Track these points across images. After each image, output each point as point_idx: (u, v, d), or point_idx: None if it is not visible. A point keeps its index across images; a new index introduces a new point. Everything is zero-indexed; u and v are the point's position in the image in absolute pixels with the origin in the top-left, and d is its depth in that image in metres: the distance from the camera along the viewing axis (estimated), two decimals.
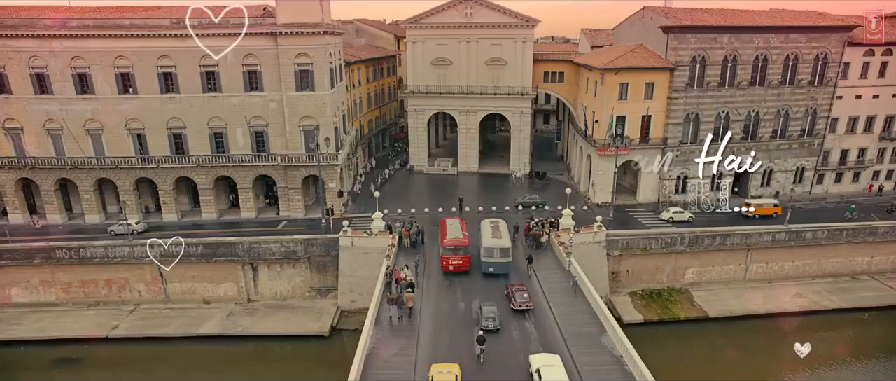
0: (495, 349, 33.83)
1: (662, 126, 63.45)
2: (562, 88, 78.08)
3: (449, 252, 44.55)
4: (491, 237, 45.17)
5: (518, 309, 38.17)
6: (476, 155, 79.22)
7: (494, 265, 43.89)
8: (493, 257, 43.80)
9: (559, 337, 35.76)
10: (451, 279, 44.39)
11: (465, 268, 44.38)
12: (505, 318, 37.31)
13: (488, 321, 35.39)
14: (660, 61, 61.81)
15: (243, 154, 59.48)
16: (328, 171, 60.17)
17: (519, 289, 39.54)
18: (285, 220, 61.06)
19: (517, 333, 36.16)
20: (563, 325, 37.16)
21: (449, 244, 44.70)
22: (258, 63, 57.30)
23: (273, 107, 58.62)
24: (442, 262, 45.21)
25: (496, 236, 45.24)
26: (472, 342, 33.50)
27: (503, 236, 45.55)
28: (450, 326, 37.51)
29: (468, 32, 73.97)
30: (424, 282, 44.38)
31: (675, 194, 65.75)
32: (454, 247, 44.39)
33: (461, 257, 44.32)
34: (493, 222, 48.70)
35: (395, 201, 65.88)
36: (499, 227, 47.43)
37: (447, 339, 35.81)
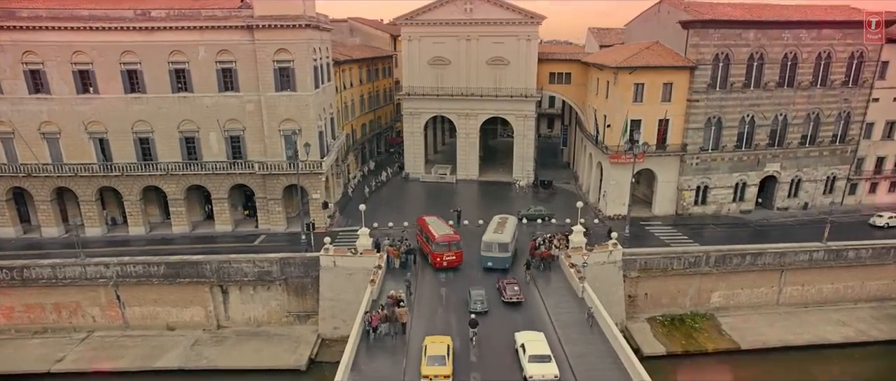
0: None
1: (681, 131, 56.53)
2: (569, 90, 71.28)
3: (442, 248, 43.32)
4: (492, 232, 44.68)
5: (509, 302, 37.97)
6: (476, 162, 72.35)
7: (493, 260, 43.19)
8: (491, 251, 43.12)
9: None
10: (445, 289, 40.83)
11: (457, 263, 43.85)
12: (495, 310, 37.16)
13: (477, 303, 36.31)
14: (679, 60, 54.95)
15: (218, 161, 52.69)
16: (311, 180, 53.37)
17: (510, 282, 39.26)
18: (264, 234, 54.22)
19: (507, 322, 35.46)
20: (577, 369, 30.28)
21: (442, 240, 43.41)
22: (233, 60, 50.58)
23: (250, 109, 51.86)
24: (435, 259, 43.51)
25: (498, 232, 44.50)
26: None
27: (505, 231, 44.53)
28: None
29: (468, 30, 67.26)
30: (415, 306, 38.18)
31: (694, 205, 58.79)
32: (447, 243, 43.44)
33: (454, 252, 43.60)
34: (502, 218, 47.88)
35: (388, 212, 59.04)
36: (506, 223, 46.36)
37: None
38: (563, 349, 32.38)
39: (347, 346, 31.16)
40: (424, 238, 46.40)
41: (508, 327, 34.65)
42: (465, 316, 35.75)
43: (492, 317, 36.35)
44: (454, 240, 43.91)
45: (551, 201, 64.18)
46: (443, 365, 28.78)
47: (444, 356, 29.20)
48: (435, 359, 29.05)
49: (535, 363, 29.12)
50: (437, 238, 43.62)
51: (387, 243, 45.76)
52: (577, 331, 34.79)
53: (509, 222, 46.75)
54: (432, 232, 44.51)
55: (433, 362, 28.94)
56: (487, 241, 43.44)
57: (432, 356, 29.22)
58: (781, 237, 52.11)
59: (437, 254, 43.51)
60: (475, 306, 36.23)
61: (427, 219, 47.52)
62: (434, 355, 29.31)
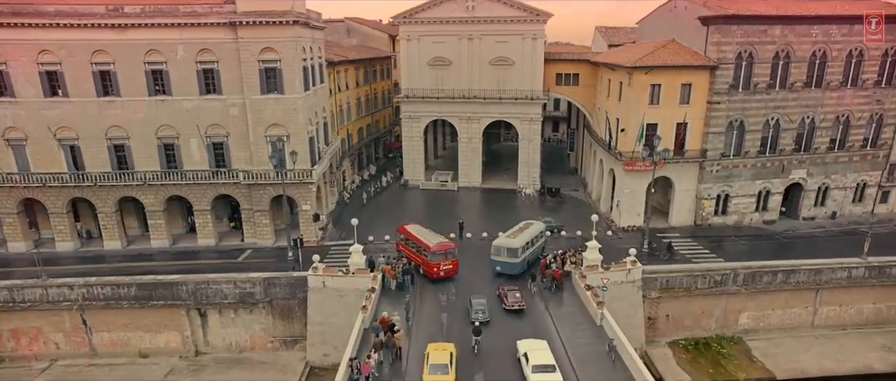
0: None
1: (701, 135, 51.66)
2: (576, 92, 66.45)
3: (439, 257, 40.38)
4: (505, 236, 42.53)
5: (510, 309, 35.99)
6: (479, 168, 67.48)
7: (501, 265, 41.16)
8: (500, 255, 41.06)
9: None
10: (447, 315, 36.52)
11: (454, 272, 41.20)
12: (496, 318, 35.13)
13: (478, 313, 34.21)
14: (698, 59, 50.09)
15: (199, 170, 47.92)
16: (301, 190, 48.58)
17: (511, 289, 37.19)
18: (250, 249, 49.43)
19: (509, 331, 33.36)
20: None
21: (437, 249, 40.41)
22: (215, 60, 45.86)
23: (234, 113, 47.12)
24: (431, 269, 40.34)
25: (511, 236, 42.13)
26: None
27: (520, 236, 41.85)
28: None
29: (470, 28, 62.48)
30: (414, 330, 34.02)
31: (714, 215, 53.88)
32: (443, 251, 40.64)
33: (451, 260, 40.93)
34: (526, 223, 45.17)
35: (385, 223, 54.14)
36: (526, 229, 43.56)
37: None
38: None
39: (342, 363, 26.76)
40: (413, 249, 42.46)
41: (511, 335, 32.73)
42: (467, 326, 33.45)
43: (493, 326, 34.30)
44: (450, 248, 41.15)
45: (559, 211, 59.31)
46: (445, 373, 27.61)
47: (447, 365, 27.95)
48: (437, 368, 27.84)
49: (539, 373, 27.68)
50: (432, 247, 40.30)
51: (382, 261, 41.00)
52: (596, 366, 30.08)
53: (530, 229, 43.61)
54: (424, 241, 41.22)
55: (435, 370, 27.79)
56: (497, 245, 41.45)
57: (434, 365, 28.02)
58: (809, 250, 47.30)
59: (434, 264, 40.21)
60: (477, 316, 33.96)
61: (410, 227, 44.34)
62: (436, 363, 28.09)
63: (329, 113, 59.75)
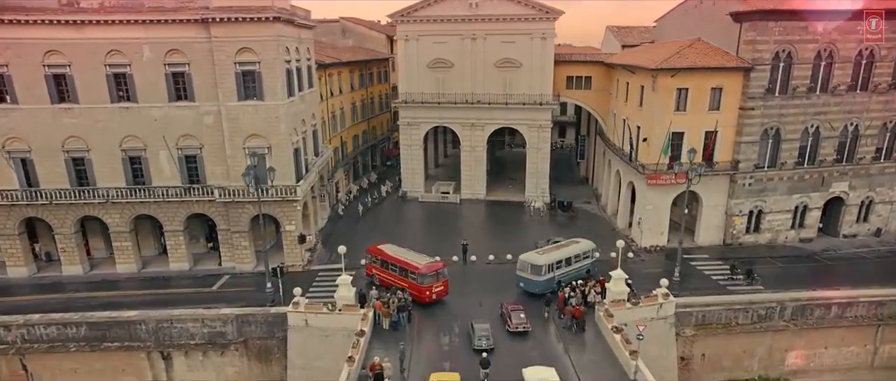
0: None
1: (732, 145, 45.44)
2: (588, 96, 60.22)
3: (430, 279, 36.29)
4: (534, 252, 39.01)
5: (514, 331, 32.49)
6: (483, 179, 61.20)
7: (524, 281, 37.77)
8: (525, 271, 37.58)
9: None
10: (449, 363, 30.51)
11: (445, 293, 37.32)
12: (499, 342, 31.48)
13: (482, 339, 30.92)
14: (731, 59, 43.85)
15: (170, 186, 41.73)
16: (284, 209, 42.38)
17: (515, 309, 33.68)
18: (228, 274, 43.20)
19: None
20: None
21: (428, 270, 36.38)
22: (186, 62, 39.69)
23: (209, 122, 40.95)
24: (422, 293, 36.00)
25: (541, 252, 38.68)
26: None
27: (551, 253, 38.17)
28: None
29: (473, 27, 56.28)
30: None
31: (745, 233, 47.60)
32: (434, 272, 36.62)
33: (442, 281, 37.05)
34: (570, 241, 41.56)
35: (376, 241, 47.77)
36: (566, 246, 40.03)
37: None
38: None
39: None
40: (395, 272, 37.91)
41: (516, 361, 29.16)
42: (470, 354, 30.45)
43: (496, 351, 30.48)
44: (439, 267, 37.22)
45: (572, 227, 53.02)
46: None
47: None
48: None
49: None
50: (422, 269, 36.18)
51: (374, 295, 34.76)
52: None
53: (569, 248, 39.72)
54: (411, 262, 37.07)
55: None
56: (523, 259, 38.11)
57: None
58: (856, 273, 41.25)
59: (426, 287, 36.04)
60: (480, 343, 30.74)
61: (387, 248, 39.93)
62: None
63: (320, 120, 53.60)
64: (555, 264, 37.43)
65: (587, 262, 39.85)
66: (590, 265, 39.93)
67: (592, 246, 39.98)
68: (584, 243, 40.85)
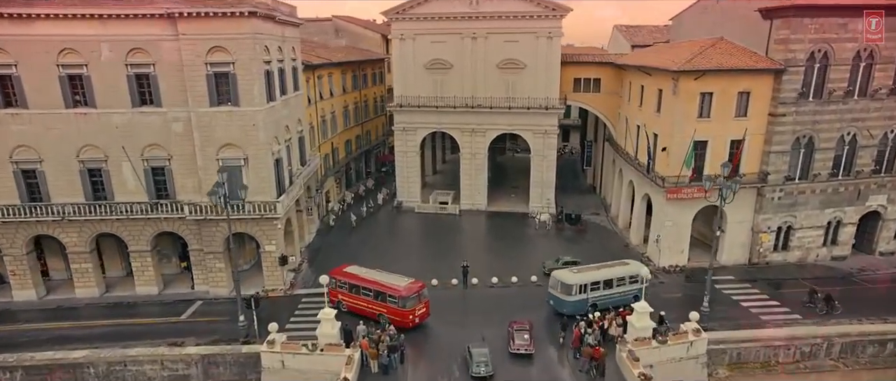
0: None
1: (759, 155, 40.48)
2: (597, 100, 55.14)
3: (413, 302, 32.71)
4: (568, 270, 35.79)
5: (516, 353, 29.66)
6: (484, 188, 56.08)
7: (553, 300, 34.80)
8: (555, 289, 34.55)
9: None
10: None
11: (427, 316, 33.91)
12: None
13: (480, 365, 27.82)
14: (761, 61, 38.85)
15: (135, 201, 36.58)
16: (263, 227, 37.27)
17: (520, 328, 30.68)
18: (201, 300, 38.06)
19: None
20: None
21: (409, 292, 32.65)
22: (151, 62, 34.55)
23: (178, 130, 35.81)
24: (406, 318, 32.28)
25: (578, 271, 35.20)
26: None
27: (589, 273, 34.65)
28: None
29: (474, 26, 51.21)
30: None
31: (773, 251, 42.63)
32: (416, 294, 33.00)
33: (424, 302, 33.62)
34: (619, 262, 37.42)
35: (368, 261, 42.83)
36: (609, 267, 36.15)
37: None
38: None
39: None
40: (368, 296, 33.86)
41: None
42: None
43: (497, 376, 28.02)
44: (421, 288, 33.69)
45: (581, 242, 48.08)
46: None
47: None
48: None
49: None
50: (402, 292, 32.56)
51: (361, 331, 29.69)
52: None
53: (612, 269, 35.72)
54: (390, 285, 33.28)
55: None
56: (555, 275, 35.12)
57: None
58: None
59: (408, 311, 32.44)
60: (478, 370, 27.85)
61: (357, 270, 35.74)
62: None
63: (307, 126, 48.51)
64: (589, 285, 33.75)
65: (634, 287, 34.82)
66: (638, 291, 34.77)
67: (644, 271, 35.04)
68: (633, 265, 36.08)
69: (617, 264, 37.01)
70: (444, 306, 36.17)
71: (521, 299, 36.88)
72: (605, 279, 34.05)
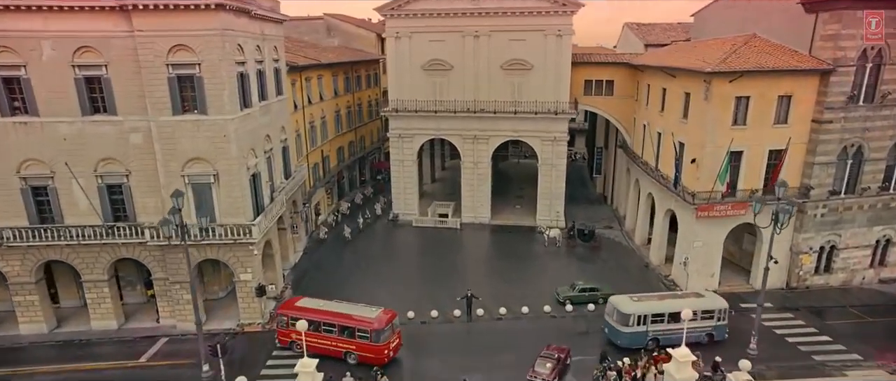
0: None
1: (800, 167, 35.19)
2: (609, 103, 49.80)
3: (388, 334, 28.64)
4: (629, 296, 31.00)
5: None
6: (487, 200, 50.62)
7: (608, 328, 30.73)
8: (611, 317, 30.37)
9: None
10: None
11: (400, 346, 29.96)
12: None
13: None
14: (805, 60, 33.52)
15: (88, 224, 31.03)
16: (238, 253, 31.75)
17: (545, 355, 27.18)
18: (166, 337, 32.52)
19: None
20: None
21: (382, 323, 28.47)
22: (102, 63, 29.00)
23: (136, 142, 30.28)
24: (382, 352, 28.26)
25: (636, 299, 30.59)
26: None
27: (653, 303, 30.19)
28: None
29: (476, 23, 45.85)
30: None
31: (814, 274, 37.35)
32: (390, 324, 28.94)
33: (397, 332, 29.82)
34: (693, 293, 32.37)
35: (359, 286, 37.44)
36: (679, 298, 31.39)
37: None
38: None
39: None
40: (330, 333, 28.98)
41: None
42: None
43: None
44: (393, 316, 29.54)
45: (595, 261, 42.72)
46: None
47: None
48: None
49: None
50: (375, 324, 28.30)
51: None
52: None
53: (682, 300, 30.38)
54: (360, 318, 28.80)
55: None
56: (611, 301, 30.90)
57: None
58: None
59: (383, 345, 28.29)
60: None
61: (308, 302, 30.74)
62: None
63: (293, 133, 43.08)
64: (650, 317, 29.44)
65: (708, 323, 29.92)
66: (713, 329, 29.88)
67: (722, 306, 29.96)
68: (709, 298, 30.85)
69: (687, 294, 32.00)
70: (446, 343, 31.00)
71: (535, 334, 31.44)
72: (671, 312, 28.82)
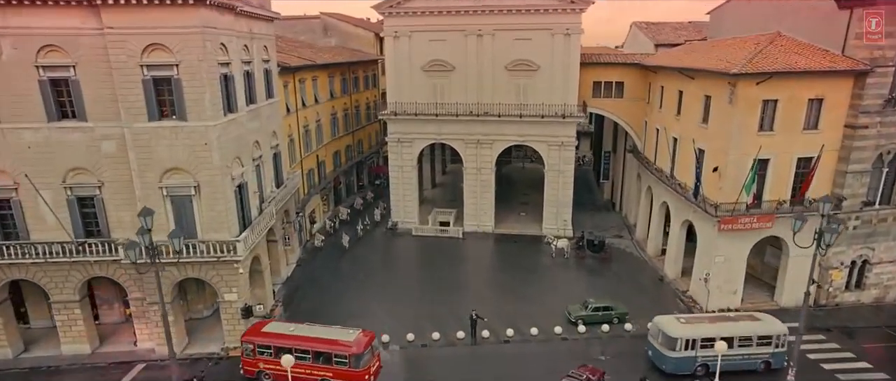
0: None
1: (831, 176, 32.25)
2: (619, 106, 46.82)
3: (367, 359, 26.08)
4: (675, 317, 28.51)
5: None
6: (491, 208, 47.60)
7: (652, 351, 28.03)
8: (655, 339, 27.72)
9: None
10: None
11: (380, 370, 27.35)
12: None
13: None
14: (839, 60, 30.55)
15: (56, 241, 28.03)
16: (220, 272, 28.76)
17: (573, 375, 25.21)
18: (144, 362, 29.52)
19: None
20: None
21: (362, 346, 25.93)
22: (70, 64, 26.01)
23: (109, 150, 27.31)
24: (361, 378, 25.61)
25: (683, 320, 28.15)
26: None
27: (703, 326, 27.39)
28: None
29: (479, 22, 42.89)
30: None
31: (844, 290, 34.40)
32: (369, 347, 26.49)
33: (377, 355, 27.39)
34: (747, 315, 29.39)
35: (356, 300, 34.51)
36: (732, 321, 28.21)
37: None
38: None
39: None
40: (308, 359, 26.13)
41: None
42: None
43: None
44: (371, 338, 27.08)
45: (606, 275, 39.78)
46: None
47: None
48: None
49: None
50: (354, 348, 25.86)
51: None
52: None
53: (736, 324, 27.52)
54: (337, 341, 26.24)
55: None
56: (656, 321, 28.16)
57: None
58: None
59: (363, 371, 25.83)
60: None
61: (276, 327, 27.90)
62: None
63: (286, 138, 40.14)
64: (699, 341, 26.51)
65: (765, 350, 27.05)
66: (770, 356, 26.94)
67: (781, 331, 27.02)
68: (767, 322, 27.79)
69: (741, 317, 28.89)
70: (449, 369, 28.11)
71: (546, 358, 28.61)
72: (725, 337, 25.72)
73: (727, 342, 24.83)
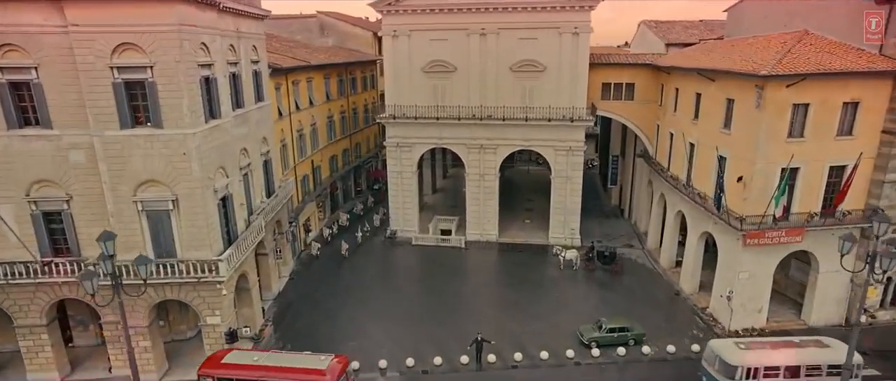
0: None
1: (867, 184, 29.49)
2: (630, 109, 44.00)
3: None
4: (732, 341, 25.93)
5: None
6: (495, 216, 44.73)
7: (707, 377, 25.10)
8: (711, 366, 24.79)
9: None
10: None
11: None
12: None
13: None
14: (878, 60, 27.77)
15: (19, 260, 25.20)
16: (202, 293, 25.95)
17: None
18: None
19: None
20: None
21: (335, 375, 23.43)
22: (31, 65, 23.14)
23: (78, 160, 24.47)
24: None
25: (741, 344, 25.14)
26: None
27: (764, 352, 24.43)
28: None
29: (483, 20, 40.01)
30: None
31: (879, 307, 31.65)
32: (344, 372, 24.25)
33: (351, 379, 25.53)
34: (813, 340, 26.06)
35: (351, 319, 31.69)
36: (797, 346, 25.14)
37: None
38: None
39: None
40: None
41: None
42: None
43: None
44: (345, 363, 24.90)
45: (617, 288, 36.93)
46: None
47: None
48: None
49: None
50: (328, 377, 23.48)
51: None
52: None
53: (796, 350, 24.62)
54: (308, 369, 23.71)
55: None
56: (711, 346, 25.64)
57: None
58: None
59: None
60: None
61: (238, 357, 24.87)
62: None
63: (278, 143, 37.32)
64: (762, 370, 23.77)
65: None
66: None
67: (856, 360, 23.69)
68: (837, 349, 24.51)
69: (807, 342, 25.81)
70: None
71: None
72: (790, 366, 23.13)
73: (792, 372, 22.02)
